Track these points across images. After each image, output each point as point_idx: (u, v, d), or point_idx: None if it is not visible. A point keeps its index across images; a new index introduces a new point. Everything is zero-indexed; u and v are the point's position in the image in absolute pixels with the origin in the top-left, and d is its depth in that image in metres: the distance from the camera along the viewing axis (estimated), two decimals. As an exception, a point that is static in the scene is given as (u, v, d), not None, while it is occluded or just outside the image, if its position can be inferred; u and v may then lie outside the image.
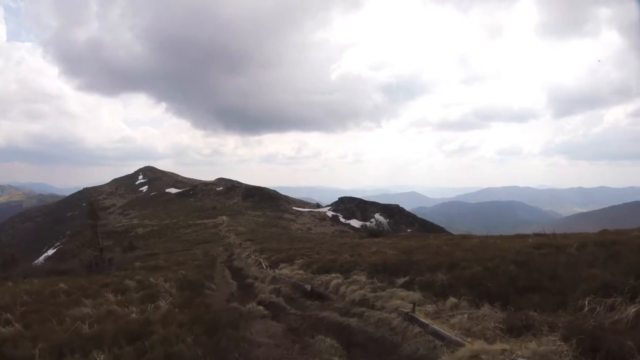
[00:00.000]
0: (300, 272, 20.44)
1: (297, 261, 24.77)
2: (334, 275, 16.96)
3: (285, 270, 22.14)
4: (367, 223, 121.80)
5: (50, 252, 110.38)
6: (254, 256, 33.51)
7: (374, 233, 44.95)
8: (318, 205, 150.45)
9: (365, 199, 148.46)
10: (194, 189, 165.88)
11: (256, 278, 22.13)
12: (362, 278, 15.25)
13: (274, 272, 21.29)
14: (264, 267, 25.48)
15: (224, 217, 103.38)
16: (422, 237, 36.91)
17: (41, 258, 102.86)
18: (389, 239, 39.40)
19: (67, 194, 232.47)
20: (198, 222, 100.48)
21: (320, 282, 16.97)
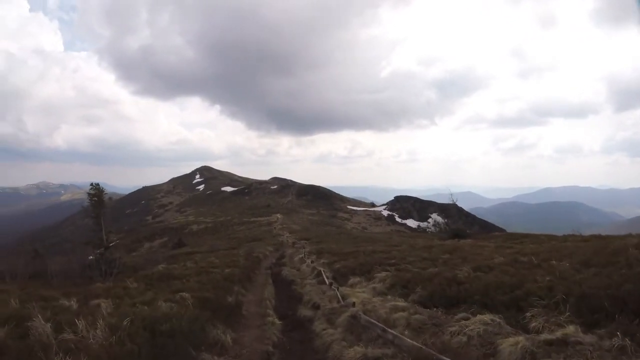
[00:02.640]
0: (398, 300, 11.15)
1: (378, 275, 15.75)
2: (496, 318, 8.03)
3: (363, 293, 13.21)
4: (424, 223, 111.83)
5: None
6: (309, 261, 24.46)
7: (459, 234, 34.77)
8: (373, 205, 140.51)
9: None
10: (248, 188, 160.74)
11: (316, 308, 12.73)
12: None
13: (350, 302, 11.01)
14: (326, 282, 15.78)
15: (278, 215, 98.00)
16: (531, 239, 26.96)
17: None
18: (484, 241, 29.14)
19: (127, 193, 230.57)
20: (252, 219, 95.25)
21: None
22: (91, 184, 30.09)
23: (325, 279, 16.36)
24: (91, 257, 25.98)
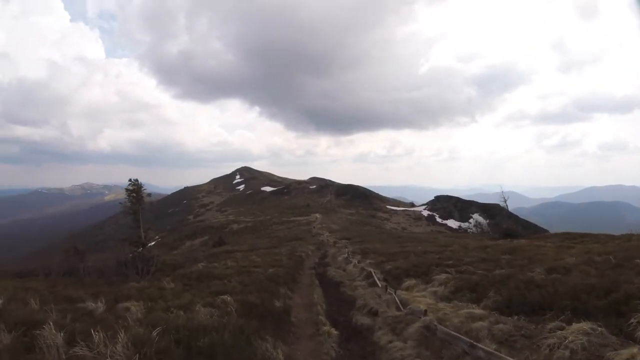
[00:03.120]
0: (471, 307, 9.54)
1: (437, 277, 14.31)
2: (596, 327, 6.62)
3: (423, 297, 11.92)
4: (466, 224, 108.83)
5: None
6: (355, 261, 22.99)
7: (511, 233, 32.85)
8: (412, 205, 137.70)
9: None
10: (287, 188, 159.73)
11: (374, 314, 11.19)
12: None
13: (417, 310, 9.25)
14: (379, 284, 14.37)
15: (317, 215, 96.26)
16: (589, 239, 24.89)
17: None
18: (539, 240, 27.18)
19: (170, 193, 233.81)
20: (291, 219, 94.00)
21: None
22: (130, 180, 29.15)
23: (377, 281, 14.95)
24: (129, 254, 25.03)
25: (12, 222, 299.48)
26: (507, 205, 39.22)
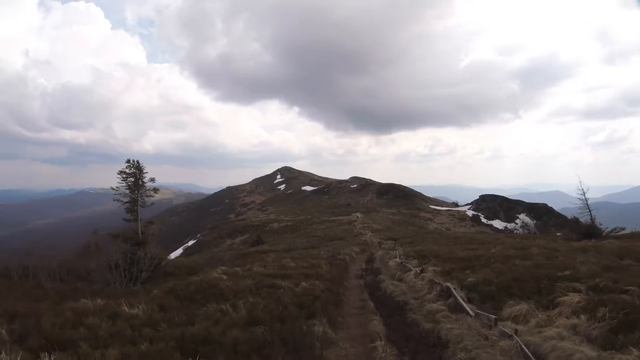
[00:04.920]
0: None
1: (563, 299, 8.94)
2: None
3: (563, 340, 6.80)
4: (512, 224, 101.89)
5: (190, 242, 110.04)
6: (415, 268, 17.03)
7: (593, 232, 26.93)
8: (456, 204, 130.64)
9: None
10: (328, 187, 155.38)
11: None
12: None
13: None
14: (468, 310, 9.04)
15: (358, 214, 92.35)
16: None
17: (180, 248, 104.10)
18: (631, 240, 21.24)
19: (212, 192, 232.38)
20: (332, 218, 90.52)
21: None
22: (128, 160, 24.38)
23: (464, 304, 9.52)
24: (120, 254, 20.17)
25: (59, 221, 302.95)
26: (586, 200, 32.26)
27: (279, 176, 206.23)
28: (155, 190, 25.49)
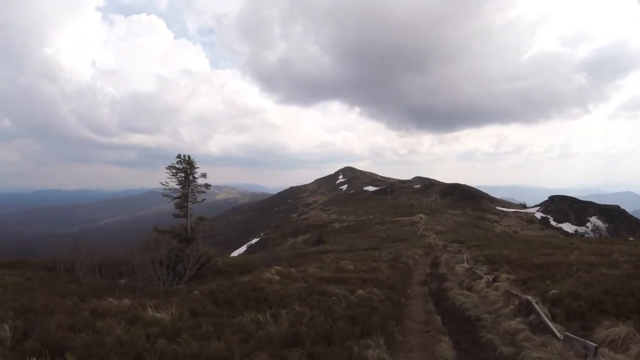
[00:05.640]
0: None
1: None
2: None
3: None
4: (582, 228, 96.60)
5: (254, 240, 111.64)
6: (486, 276, 15.44)
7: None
8: (524, 206, 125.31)
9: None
10: (390, 187, 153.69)
11: None
12: None
13: None
14: (555, 331, 7.61)
15: (421, 215, 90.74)
16: None
17: (244, 246, 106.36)
18: None
19: (276, 192, 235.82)
20: (394, 219, 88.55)
21: None
22: (178, 155, 23.94)
23: (548, 323, 8.02)
24: (167, 251, 19.48)
25: (129, 218, 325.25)
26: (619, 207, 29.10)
27: (341, 176, 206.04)
28: (207, 185, 25.04)
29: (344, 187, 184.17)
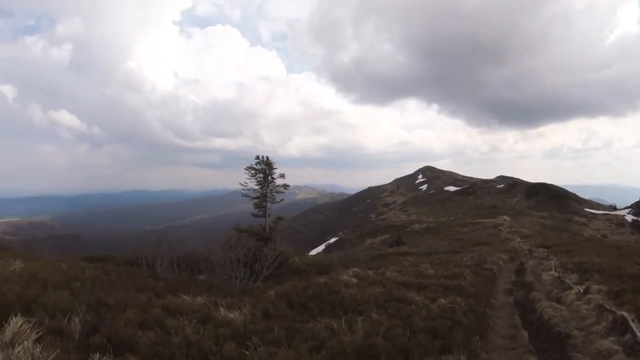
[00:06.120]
0: None
1: None
2: None
3: None
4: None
5: (332, 240, 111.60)
6: (577, 287, 14.52)
7: None
8: (614, 207, 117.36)
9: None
10: (472, 187, 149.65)
11: None
12: None
13: None
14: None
15: (505, 217, 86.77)
16: None
17: (323, 245, 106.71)
18: None
19: (355, 192, 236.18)
20: (476, 221, 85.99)
21: None
22: (257, 157, 24.48)
23: None
24: (245, 249, 19.77)
25: (212, 217, 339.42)
26: None
27: (420, 176, 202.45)
28: (285, 186, 25.55)
29: (424, 187, 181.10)
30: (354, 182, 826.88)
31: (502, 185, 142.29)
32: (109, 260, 21.78)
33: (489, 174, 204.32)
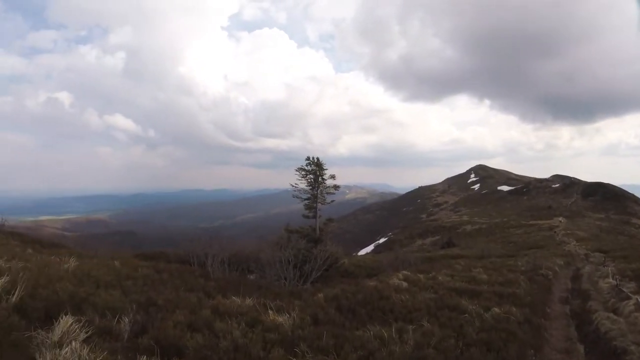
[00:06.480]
0: None
1: None
2: None
3: None
4: None
5: (381, 240, 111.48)
6: (631, 293, 14.03)
7: None
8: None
9: None
10: (526, 187, 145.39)
11: None
12: None
13: None
14: None
15: (560, 219, 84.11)
16: None
17: (372, 245, 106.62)
18: None
19: (405, 192, 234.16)
20: (530, 222, 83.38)
21: None
22: (307, 158, 24.77)
23: None
24: (295, 250, 19.66)
25: (264, 215, 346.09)
26: None
27: (472, 175, 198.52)
28: (336, 187, 25.70)
29: (476, 186, 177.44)
30: (405, 181, 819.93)
31: (557, 185, 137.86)
32: (161, 258, 22.30)
33: (544, 173, 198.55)
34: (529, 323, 10.33)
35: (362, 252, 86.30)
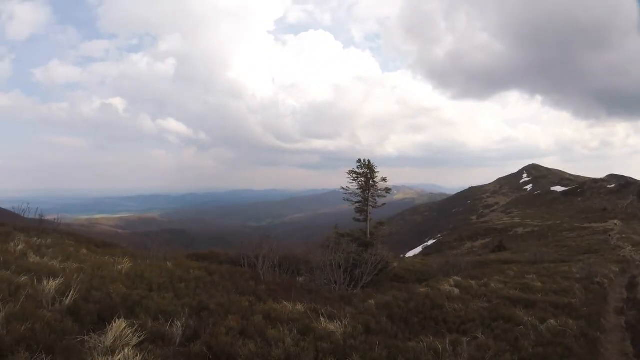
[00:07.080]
0: None
1: None
2: None
3: None
4: None
5: (430, 242, 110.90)
6: None
7: None
8: None
9: None
10: (581, 187, 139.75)
11: None
12: None
13: None
14: None
15: (616, 221, 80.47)
16: None
17: (420, 247, 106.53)
18: None
19: (454, 193, 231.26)
20: (584, 225, 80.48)
21: None
22: (359, 160, 24.80)
23: None
24: (346, 255, 19.25)
25: (312, 215, 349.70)
26: None
27: (525, 175, 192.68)
28: (387, 190, 25.52)
29: (529, 187, 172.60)
30: (454, 181, 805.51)
31: (612, 185, 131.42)
32: (212, 258, 22.26)
33: (600, 172, 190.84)
34: (585, 337, 9.82)
35: (410, 254, 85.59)
